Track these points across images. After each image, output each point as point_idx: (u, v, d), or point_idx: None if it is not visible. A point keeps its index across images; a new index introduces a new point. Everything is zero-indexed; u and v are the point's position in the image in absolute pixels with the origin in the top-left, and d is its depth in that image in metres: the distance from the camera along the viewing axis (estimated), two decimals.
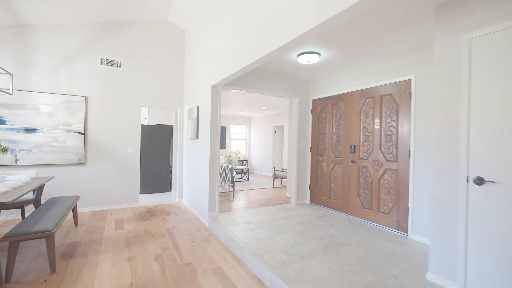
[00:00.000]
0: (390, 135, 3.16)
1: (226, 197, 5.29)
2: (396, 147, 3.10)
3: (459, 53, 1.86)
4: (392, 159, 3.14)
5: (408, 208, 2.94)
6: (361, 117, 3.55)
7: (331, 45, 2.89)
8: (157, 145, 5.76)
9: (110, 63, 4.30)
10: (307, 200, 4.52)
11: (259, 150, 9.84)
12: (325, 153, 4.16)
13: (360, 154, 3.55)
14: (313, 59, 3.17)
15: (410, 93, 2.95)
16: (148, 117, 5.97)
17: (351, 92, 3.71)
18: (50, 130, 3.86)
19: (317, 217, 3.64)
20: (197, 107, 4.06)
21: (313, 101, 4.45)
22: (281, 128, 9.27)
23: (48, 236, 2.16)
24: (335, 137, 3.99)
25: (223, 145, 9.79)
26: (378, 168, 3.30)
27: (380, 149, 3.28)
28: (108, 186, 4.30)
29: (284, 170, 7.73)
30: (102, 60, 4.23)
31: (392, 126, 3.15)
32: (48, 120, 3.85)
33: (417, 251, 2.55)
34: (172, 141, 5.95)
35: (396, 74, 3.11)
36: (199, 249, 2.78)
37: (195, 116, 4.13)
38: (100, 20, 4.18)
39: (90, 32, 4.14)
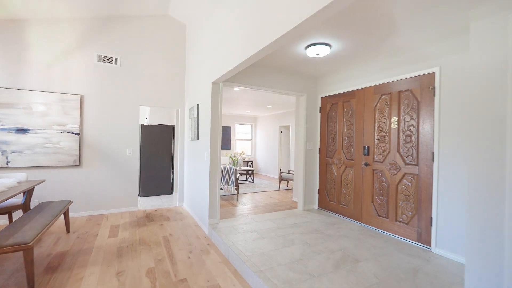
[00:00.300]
0: (410, 136, 2.83)
1: (230, 201, 5.03)
2: (417, 149, 2.76)
3: (504, 35, 1.53)
4: (411, 163, 2.80)
5: (431, 218, 2.60)
6: (376, 116, 3.22)
7: (343, 34, 2.57)
8: (158, 146, 5.54)
9: (107, 59, 4.09)
10: (315, 205, 4.20)
11: (264, 151, 9.56)
12: (335, 155, 3.84)
13: (375, 156, 3.22)
14: (322, 51, 2.86)
15: (434, 88, 2.61)
16: (149, 117, 5.76)
17: (364, 88, 3.39)
18: (44, 131, 3.67)
19: (327, 225, 3.33)
20: (197, 105, 3.80)
21: (322, 98, 4.14)
22: (287, 128, 8.96)
23: (25, 249, 1.93)
24: (346, 138, 3.67)
25: (227, 146, 9.54)
26: (395, 172, 2.96)
27: (398, 151, 2.95)
28: (105, 189, 4.09)
29: (290, 172, 7.42)
30: (98, 56, 4.02)
31: (412, 125, 2.81)
32: (41, 120, 3.65)
33: (445, 270, 2.22)
34: (174, 142, 5.72)
35: (417, 67, 2.77)
36: (197, 262, 2.51)
37: (195, 115, 3.87)
38: (97, 15, 3.97)
39: (86, 27, 3.93)
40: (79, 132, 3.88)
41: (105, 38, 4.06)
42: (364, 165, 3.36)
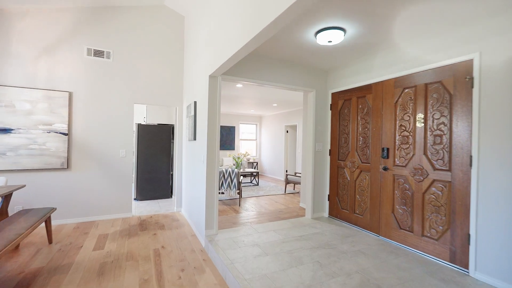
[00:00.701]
0: (440, 136, 2.39)
1: (232, 206, 4.66)
2: (449, 152, 2.32)
3: None
4: (442, 167, 2.37)
5: (468, 235, 2.16)
6: (397, 113, 2.79)
7: (360, 16, 2.16)
8: (156, 147, 5.22)
9: (98, 53, 3.77)
10: (325, 213, 3.79)
11: (270, 152, 9.16)
12: (348, 157, 3.42)
13: (396, 159, 2.79)
14: (335, 37, 2.45)
15: (472, 79, 2.17)
16: (147, 116, 5.45)
17: (383, 82, 2.96)
18: (28, 131, 3.37)
19: (340, 237, 2.92)
20: (195, 102, 3.44)
21: (333, 94, 3.72)
22: (294, 127, 8.54)
23: None
24: (361, 138, 3.25)
25: (231, 146, 9.18)
26: (421, 178, 2.53)
27: (425, 153, 2.51)
28: (95, 194, 3.77)
29: (297, 175, 7.01)
30: (88, 50, 3.71)
31: (443, 123, 2.37)
32: (26, 119, 3.36)
33: None
34: (173, 142, 5.39)
35: (449, 54, 2.33)
36: (188, 284, 2.15)
37: (193, 113, 3.52)
38: (86, 5, 3.66)
39: (75, 18, 3.62)
40: (67, 132, 3.57)
41: (95, 30, 3.75)
42: (382, 170, 2.93)
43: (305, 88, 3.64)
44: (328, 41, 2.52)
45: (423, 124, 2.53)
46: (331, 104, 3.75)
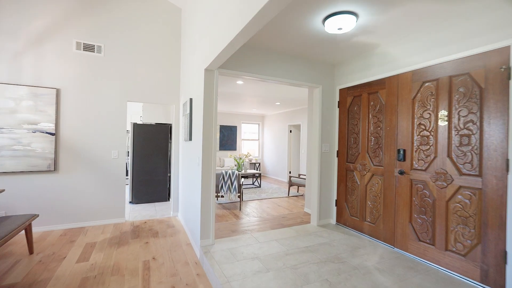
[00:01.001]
0: (468, 136, 2.08)
1: (232, 210, 4.38)
2: (479, 154, 2.01)
3: None
4: (470, 172, 2.05)
5: (505, 252, 1.85)
6: (415, 110, 2.48)
7: None
8: (153, 147, 4.96)
9: (89, 48, 3.52)
10: (333, 220, 3.48)
11: (273, 152, 8.86)
12: (358, 159, 3.12)
13: (414, 162, 2.48)
14: (346, 23, 2.16)
15: (509, 69, 1.85)
16: (143, 115, 5.19)
17: (398, 75, 2.65)
18: (12, 130, 3.13)
19: (350, 249, 2.62)
20: (190, 99, 3.17)
21: (341, 91, 3.41)
22: (297, 127, 8.24)
23: None
24: (372, 138, 2.94)
25: (233, 147, 8.91)
26: (445, 184, 2.22)
27: (449, 156, 2.20)
28: (85, 198, 3.52)
29: (301, 177, 6.71)
30: (78, 44, 3.46)
31: (471, 121, 2.06)
32: (9, 118, 3.12)
33: None
34: (171, 143, 5.13)
35: (480, 41, 2.02)
36: None
37: (188, 112, 3.24)
38: None
39: (63, 9, 3.37)
40: (54, 132, 3.33)
41: (85, 22, 3.50)
42: (398, 174, 2.62)
43: (311, 83, 3.34)
44: (338, 28, 2.23)
45: (446, 123, 2.22)
46: (338, 101, 3.45)
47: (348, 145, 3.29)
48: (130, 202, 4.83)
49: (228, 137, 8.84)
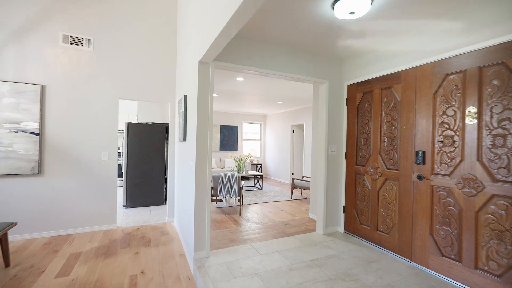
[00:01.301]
0: (503, 136, 1.78)
1: (231, 215, 4.11)
2: None
3: None
4: (507, 179, 1.76)
5: None
6: (437, 106, 2.19)
7: None
8: (149, 148, 4.71)
9: (77, 41, 3.27)
10: (340, 228, 3.19)
11: (275, 153, 8.57)
12: (370, 162, 2.82)
13: (435, 166, 2.19)
14: (360, 5, 1.87)
15: None
16: (138, 114, 4.94)
17: (416, 68, 2.35)
18: None
19: (362, 263, 2.33)
20: (185, 96, 2.90)
21: (350, 86, 3.12)
22: (300, 127, 7.94)
23: None
24: (386, 139, 2.65)
25: (234, 147, 8.64)
26: (474, 192, 1.92)
27: (479, 159, 1.90)
28: (73, 203, 3.27)
29: (305, 179, 6.42)
30: (65, 37, 3.21)
31: (508, 119, 1.76)
32: None
33: None
34: (167, 143, 4.88)
35: None
36: None
37: (183, 110, 2.97)
38: None
39: None
40: (39, 132, 3.08)
41: (73, 14, 3.24)
42: (416, 178, 2.32)
43: (316, 79, 3.06)
44: (350, 13, 1.94)
45: (476, 121, 1.92)
46: (347, 98, 3.16)
47: (357, 146, 3.00)
48: (124, 206, 4.58)
49: (229, 137, 8.57)
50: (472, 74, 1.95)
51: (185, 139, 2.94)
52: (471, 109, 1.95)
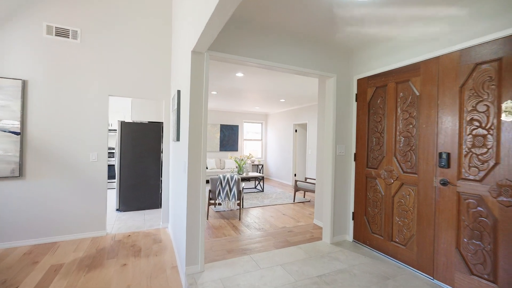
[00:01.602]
0: None
1: (230, 220, 3.84)
2: None
3: None
4: None
5: None
6: (465, 101, 1.90)
7: None
8: (144, 148, 4.45)
9: (62, 33, 3.01)
10: (349, 236, 2.91)
11: (277, 153, 8.29)
12: (383, 164, 2.54)
13: (463, 170, 1.90)
14: None
15: None
16: (132, 112, 4.68)
17: (439, 58, 2.06)
18: None
19: (377, 279, 2.04)
20: (178, 92, 2.63)
21: (360, 81, 2.84)
22: (303, 126, 7.65)
23: None
24: (402, 139, 2.36)
25: (234, 147, 8.37)
26: None
27: None
28: (58, 209, 3.01)
29: (308, 181, 6.13)
30: (49, 28, 2.95)
31: None
32: None
33: None
34: (163, 143, 4.61)
35: None
36: None
37: (176, 107, 2.71)
38: None
39: None
40: (19, 131, 2.82)
41: (58, 2, 2.99)
42: (439, 184, 2.03)
43: (323, 72, 2.77)
44: None
45: None
46: (356, 94, 2.87)
47: (369, 146, 2.71)
48: (117, 210, 4.32)
49: (229, 137, 8.30)
50: (509, 63, 1.66)
51: (178, 139, 2.67)
52: (509, 104, 1.66)
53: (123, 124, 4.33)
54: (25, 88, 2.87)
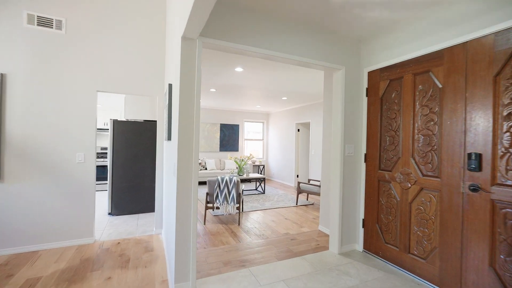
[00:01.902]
0: None
1: (229, 225, 3.57)
2: None
3: None
4: None
5: None
6: (501, 93, 1.62)
7: None
8: (138, 148, 4.20)
9: (45, 22, 2.76)
10: (359, 245, 2.63)
11: (278, 153, 8.02)
12: (398, 166, 2.26)
13: (499, 174, 1.61)
14: None
15: None
16: (125, 110, 4.43)
17: (467, 43, 1.78)
18: None
19: None
20: (169, 85, 2.37)
21: (371, 74, 2.56)
22: (306, 125, 7.37)
23: None
24: (421, 137, 2.08)
25: (235, 147, 8.11)
26: None
27: None
28: (41, 214, 2.76)
29: (312, 183, 5.85)
30: (30, 17, 2.70)
31: None
32: None
33: None
34: (157, 143, 4.35)
35: None
36: None
37: (167, 102, 2.44)
38: None
39: None
40: None
41: None
42: (469, 190, 1.75)
43: (330, 64, 2.50)
44: None
45: None
46: (367, 88, 2.60)
47: (381, 146, 2.43)
48: (109, 214, 4.07)
49: (229, 137, 8.04)
50: None
51: (169, 138, 2.41)
52: None
53: (116, 123, 4.08)
54: (3, 82, 2.62)
